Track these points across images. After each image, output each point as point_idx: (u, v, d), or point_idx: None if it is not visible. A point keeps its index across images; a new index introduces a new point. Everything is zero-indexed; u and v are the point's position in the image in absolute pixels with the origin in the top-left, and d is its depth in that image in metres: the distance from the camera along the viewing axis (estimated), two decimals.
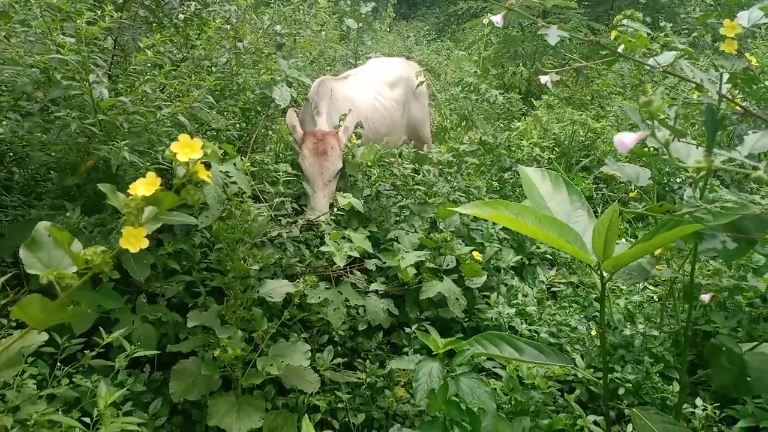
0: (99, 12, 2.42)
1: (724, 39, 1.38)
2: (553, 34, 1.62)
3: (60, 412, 2.01)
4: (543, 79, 1.50)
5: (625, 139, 1.13)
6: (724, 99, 1.35)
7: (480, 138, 4.70)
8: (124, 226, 1.09)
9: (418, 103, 4.99)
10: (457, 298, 3.22)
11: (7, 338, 1.30)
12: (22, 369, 2.10)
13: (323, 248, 3.04)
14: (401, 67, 5.01)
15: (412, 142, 4.58)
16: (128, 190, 1.09)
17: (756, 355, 1.73)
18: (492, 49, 7.38)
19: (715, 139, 1.11)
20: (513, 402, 2.72)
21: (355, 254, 3.01)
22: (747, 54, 1.39)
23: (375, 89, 4.61)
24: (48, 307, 1.10)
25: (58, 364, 2.24)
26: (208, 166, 3.02)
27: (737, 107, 1.37)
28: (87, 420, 2.05)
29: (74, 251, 1.13)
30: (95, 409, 2.03)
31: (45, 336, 1.43)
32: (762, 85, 1.41)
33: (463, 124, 5.47)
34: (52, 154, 2.83)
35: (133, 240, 1.08)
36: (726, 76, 1.37)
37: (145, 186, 1.03)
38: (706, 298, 2.03)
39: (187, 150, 1.04)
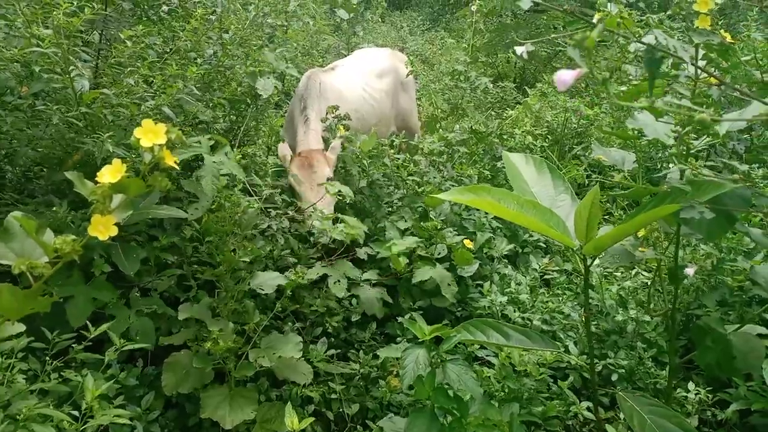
0: (76, 2, 2.40)
1: (698, 15, 1.37)
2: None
3: (51, 407, 2.01)
4: (518, 50, 1.50)
5: (564, 76, 1.13)
6: (700, 70, 1.35)
7: (471, 127, 4.68)
8: (92, 214, 1.08)
9: (406, 94, 4.97)
10: (449, 284, 3.20)
11: None
12: (12, 364, 2.10)
13: (316, 223, 3.04)
14: (389, 58, 4.99)
15: (402, 132, 4.57)
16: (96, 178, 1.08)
17: (740, 335, 1.73)
18: (486, 37, 7.34)
19: (654, 83, 1.10)
20: (506, 390, 2.71)
21: (347, 233, 3.00)
22: (722, 31, 1.38)
23: (363, 80, 4.59)
24: (19, 296, 1.09)
25: (48, 359, 2.24)
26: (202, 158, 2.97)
27: (711, 78, 1.36)
28: (77, 414, 2.05)
29: (45, 240, 1.12)
30: (83, 402, 2.03)
31: (21, 327, 1.42)
32: (737, 59, 1.39)
33: (455, 113, 5.44)
34: (39, 149, 2.82)
35: (102, 228, 1.07)
36: (701, 51, 1.37)
37: (111, 173, 1.02)
38: (690, 271, 2.03)
39: (150, 135, 1.02)
